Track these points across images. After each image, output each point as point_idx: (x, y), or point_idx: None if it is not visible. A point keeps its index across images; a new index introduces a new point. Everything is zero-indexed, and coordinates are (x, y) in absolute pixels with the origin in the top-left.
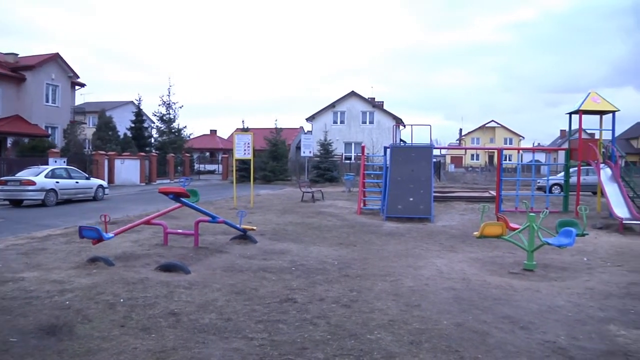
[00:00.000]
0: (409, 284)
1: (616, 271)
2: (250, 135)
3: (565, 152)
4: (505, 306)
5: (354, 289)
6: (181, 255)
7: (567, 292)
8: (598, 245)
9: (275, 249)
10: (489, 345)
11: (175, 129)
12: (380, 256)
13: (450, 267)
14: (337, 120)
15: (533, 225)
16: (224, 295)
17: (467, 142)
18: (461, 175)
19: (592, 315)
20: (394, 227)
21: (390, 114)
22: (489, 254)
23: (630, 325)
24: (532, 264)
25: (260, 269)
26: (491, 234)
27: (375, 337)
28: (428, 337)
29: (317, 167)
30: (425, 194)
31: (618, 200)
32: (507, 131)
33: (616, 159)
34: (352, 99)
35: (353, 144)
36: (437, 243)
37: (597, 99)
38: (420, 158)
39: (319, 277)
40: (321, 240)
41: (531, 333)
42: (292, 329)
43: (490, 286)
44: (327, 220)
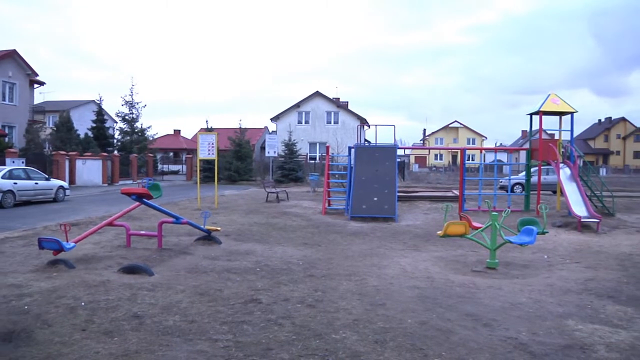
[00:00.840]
0: (374, 283)
1: (575, 268)
2: (214, 135)
3: (527, 152)
4: (468, 304)
5: (318, 288)
6: (144, 257)
7: (528, 289)
8: (558, 243)
9: (240, 250)
10: (452, 342)
11: (138, 129)
12: (345, 256)
13: (415, 266)
14: (302, 121)
15: (495, 224)
16: (188, 297)
17: (431, 142)
18: (425, 175)
19: (551, 311)
20: (358, 227)
21: (354, 114)
22: (452, 252)
23: (586, 320)
24: (494, 262)
25: (224, 269)
26: (454, 233)
27: (340, 336)
28: (393, 336)
29: (281, 168)
30: (390, 193)
31: (576, 199)
32: (470, 131)
33: (575, 159)
34: (317, 99)
35: (318, 144)
36: (401, 242)
37: (556, 101)
38: (385, 158)
39: (284, 277)
40: (286, 241)
41: (493, 330)
42: (257, 329)
43: (454, 284)
44: (291, 221)
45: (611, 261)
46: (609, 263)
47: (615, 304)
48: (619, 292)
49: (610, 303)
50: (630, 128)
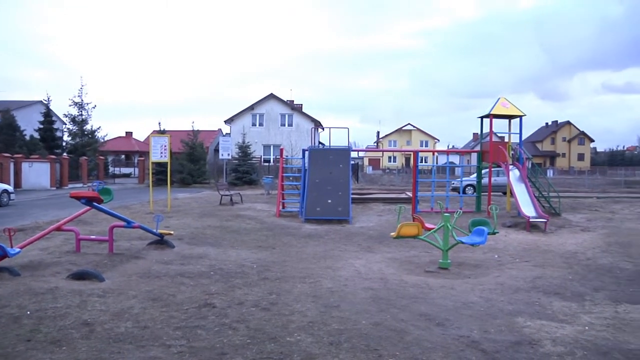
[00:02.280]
0: (328, 285)
1: (524, 266)
2: (167, 137)
3: (478, 154)
4: (421, 304)
5: (273, 291)
6: (95, 262)
7: (480, 288)
8: (508, 243)
9: (194, 254)
10: (406, 342)
11: (88, 131)
12: (299, 258)
13: (369, 268)
14: (256, 123)
15: (447, 225)
16: (140, 303)
17: (385, 144)
18: (379, 177)
19: (502, 309)
20: (312, 229)
21: (309, 116)
22: (405, 253)
23: (535, 317)
24: (447, 262)
25: (178, 274)
26: (407, 234)
27: (295, 339)
28: (347, 337)
29: (235, 170)
30: (344, 195)
31: (525, 199)
32: (423, 134)
33: (523, 161)
34: (271, 101)
35: (272, 146)
36: (355, 244)
37: (506, 104)
38: (339, 160)
39: (238, 280)
40: (240, 244)
41: (446, 329)
42: (211, 334)
43: (407, 285)
44: (245, 223)
45: (558, 259)
46: (555, 261)
47: (561, 300)
48: (565, 288)
49: (556, 299)
50: (575, 131)
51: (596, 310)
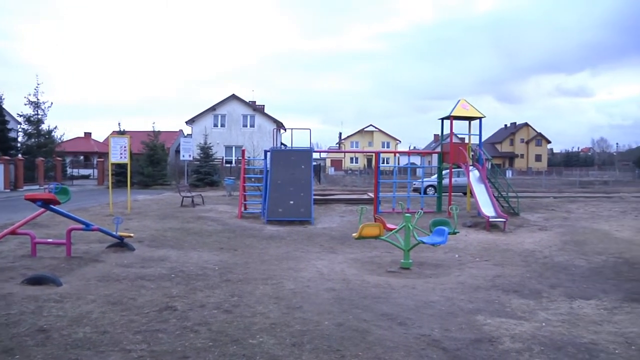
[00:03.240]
0: (290, 286)
1: (484, 265)
2: (126, 138)
3: (438, 155)
4: (383, 304)
5: (235, 293)
6: (52, 267)
7: (441, 288)
8: (468, 242)
9: (154, 256)
10: (369, 342)
11: (44, 131)
12: (261, 260)
13: (331, 268)
14: (218, 124)
15: (409, 226)
16: (100, 307)
17: (347, 145)
18: (341, 178)
19: (462, 308)
20: (274, 231)
21: (271, 117)
22: (367, 254)
23: (494, 314)
24: (408, 262)
25: (138, 277)
26: (369, 235)
27: (257, 341)
28: (310, 338)
29: (197, 171)
30: (306, 196)
31: (485, 200)
32: (385, 135)
33: (483, 162)
34: (233, 102)
35: (234, 147)
36: (317, 245)
37: (466, 106)
38: (301, 161)
39: (200, 283)
40: (202, 246)
41: (408, 328)
42: (173, 337)
43: (370, 285)
44: (207, 225)
45: (516, 258)
46: (514, 260)
47: (519, 298)
48: (523, 286)
49: (515, 297)
50: (533, 133)
51: (553, 307)
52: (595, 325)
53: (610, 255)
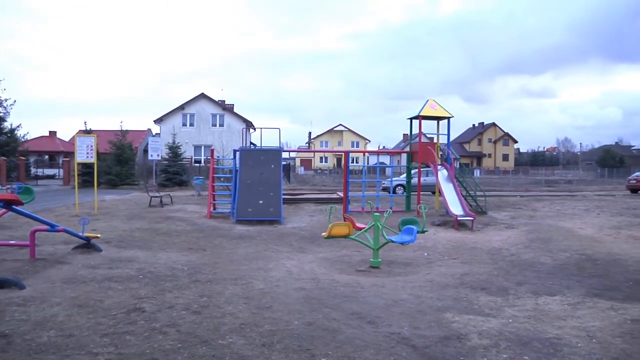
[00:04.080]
0: (260, 286)
1: (452, 264)
2: (93, 137)
3: (407, 154)
4: (353, 303)
5: (204, 294)
6: (14, 269)
7: (410, 286)
8: (437, 241)
9: (122, 257)
10: (339, 341)
11: (7, 129)
12: (230, 260)
13: (300, 268)
14: (187, 123)
15: (378, 225)
16: (65, 310)
17: (316, 145)
18: (310, 177)
19: (431, 305)
20: (244, 230)
21: (240, 117)
22: (337, 253)
23: (462, 312)
24: (377, 261)
25: (105, 278)
26: (339, 234)
27: (227, 341)
28: (280, 338)
29: (165, 171)
30: (275, 196)
31: (453, 199)
32: (355, 135)
33: (451, 161)
34: (202, 101)
35: (203, 147)
36: (287, 244)
37: (434, 106)
38: (270, 161)
39: (168, 284)
40: (170, 246)
41: (378, 327)
42: (141, 339)
43: (339, 284)
44: (176, 225)
45: (484, 256)
46: (482, 258)
47: (487, 295)
48: (490, 283)
49: (483, 294)
50: (500, 133)
51: (519, 303)
52: (560, 320)
53: (574, 252)
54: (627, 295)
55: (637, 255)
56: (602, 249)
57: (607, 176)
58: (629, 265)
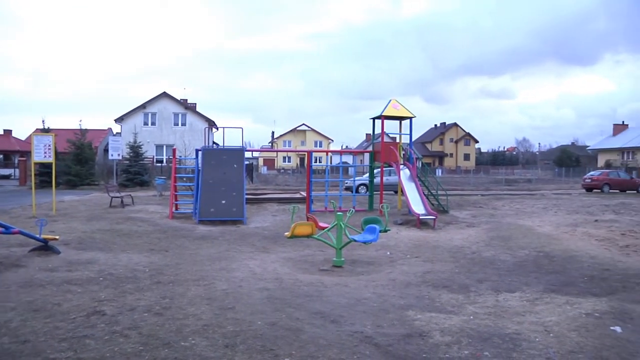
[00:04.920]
0: (223, 287)
1: (414, 262)
2: (51, 136)
3: (370, 154)
4: (316, 302)
5: (166, 295)
6: None
7: (373, 285)
8: (399, 240)
9: (81, 259)
10: (302, 341)
11: None
12: (193, 260)
13: (264, 268)
14: (148, 122)
15: (340, 224)
16: (20, 315)
17: (280, 144)
18: (273, 177)
19: (394, 304)
20: (206, 231)
21: (203, 116)
22: (300, 253)
23: (424, 309)
24: (340, 260)
25: (64, 281)
26: (302, 234)
27: (189, 343)
28: (243, 339)
29: (126, 171)
30: (238, 196)
31: (415, 198)
32: (318, 134)
33: (414, 161)
34: (164, 100)
35: (165, 146)
36: (250, 245)
37: (397, 106)
38: (233, 160)
39: (130, 285)
40: (131, 247)
41: (341, 326)
42: (101, 343)
43: (302, 284)
44: (137, 226)
45: (445, 254)
46: (443, 256)
47: (449, 293)
48: (452, 281)
49: (444, 292)
50: (461, 133)
51: (480, 300)
52: (519, 316)
53: (533, 250)
54: (582, 290)
55: (591, 251)
56: (559, 246)
57: (564, 175)
58: (584, 261)
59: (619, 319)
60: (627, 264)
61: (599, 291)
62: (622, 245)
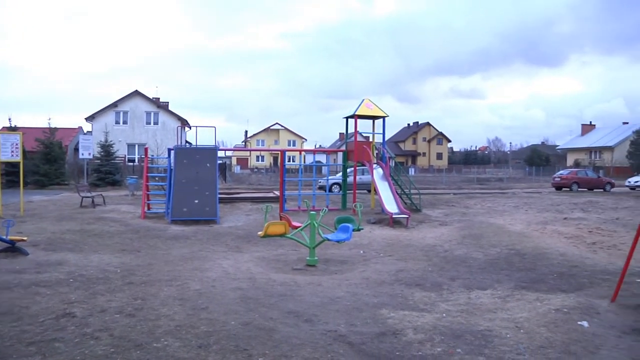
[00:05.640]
0: (196, 287)
1: (388, 261)
2: (18, 135)
3: (343, 153)
4: (290, 301)
5: (138, 296)
6: None
7: (346, 284)
8: (372, 239)
9: (51, 260)
10: (275, 340)
11: None
12: (165, 261)
13: (237, 268)
14: (120, 121)
15: (314, 223)
16: None
17: (253, 143)
18: (247, 176)
19: (367, 302)
20: (179, 230)
21: (175, 115)
22: (273, 252)
23: (398, 308)
24: (314, 259)
25: (32, 283)
26: (275, 233)
27: (162, 344)
28: (216, 339)
29: (98, 170)
30: (211, 195)
31: (388, 197)
32: (291, 133)
33: (386, 160)
34: (136, 98)
35: (137, 145)
36: (223, 244)
37: (370, 105)
38: (205, 160)
39: (101, 287)
40: (103, 248)
41: (314, 325)
42: (71, 346)
43: (276, 283)
44: (109, 226)
45: (418, 253)
46: (416, 254)
47: (421, 291)
48: (425, 280)
49: (417, 290)
50: (434, 132)
51: (452, 298)
52: (490, 313)
53: (504, 248)
54: (552, 287)
55: (561, 249)
56: (529, 243)
57: (535, 174)
58: (553, 258)
59: (586, 314)
60: (594, 261)
61: (567, 287)
62: (589, 242)
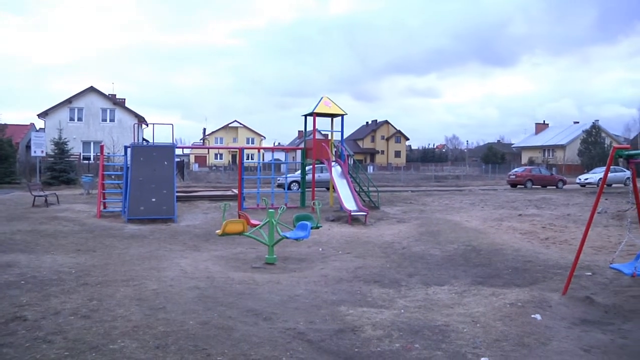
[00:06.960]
0: (153, 287)
1: (346, 258)
2: None
3: (302, 151)
4: (249, 300)
5: (94, 297)
6: None
7: (305, 281)
8: (331, 236)
9: (0, 262)
10: (234, 339)
11: None
12: (122, 260)
13: (195, 267)
14: (75, 117)
15: (272, 221)
16: None
17: (211, 141)
18: (205, 174)
19: (326, 300)
20: (136, 230)
21: (132, 112)
22: (232, 250)
23: (356, 304)
24: (272, 257)
25: None
26: (233, 231)
27: (118, 346)
28: (174, 339)
29: (51, 169)
30: (168, 194)
31: (347, 194)
32: (250, 131)
33: (345, 158)
34: (91, 94)
35: (92, 143)
36: (181, 243)
37: (328, 103)
38: (163, 157)
39: (54, 288)
40: (56, 248)
41: (274, 323)
42: (21, 351)
43: (234, 282)
44: (63, 226)
45: (377, 250)
46: (375, 251)
47: (380, 288)
48: (383, 276)
49: (376, 287)
50: (392, 130)
51: (410, 294)
52: (448, 308)
53: (461, 244)
54: (507, 282)
55: (515, 244)
56: (485, 239)
57: (491, 172)
58: (508, 254)
59: (539, 307)
60: (547, 256)
61: (521, 282)
62: (542, 237)
